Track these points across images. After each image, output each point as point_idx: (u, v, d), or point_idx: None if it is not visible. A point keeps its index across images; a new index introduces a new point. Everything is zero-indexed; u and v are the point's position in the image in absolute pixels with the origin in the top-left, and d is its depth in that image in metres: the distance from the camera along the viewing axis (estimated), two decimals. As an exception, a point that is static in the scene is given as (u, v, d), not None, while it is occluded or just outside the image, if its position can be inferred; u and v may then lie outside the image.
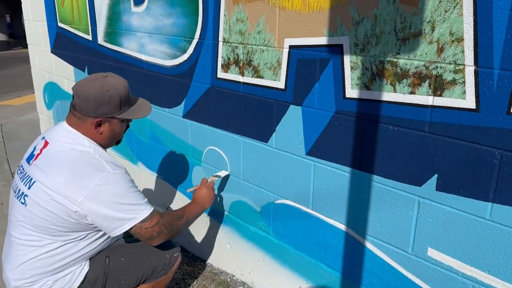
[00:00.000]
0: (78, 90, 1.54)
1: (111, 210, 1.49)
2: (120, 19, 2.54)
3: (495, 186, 1.22)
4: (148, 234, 1.59)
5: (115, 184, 1.51)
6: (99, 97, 1.52)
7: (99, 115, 1.55)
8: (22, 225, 1.53)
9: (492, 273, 1.29)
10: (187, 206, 1.83)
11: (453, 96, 1.25)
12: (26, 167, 1.59)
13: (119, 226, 1.53)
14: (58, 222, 1.49)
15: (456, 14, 1.19)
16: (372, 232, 1.58)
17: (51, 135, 1.61)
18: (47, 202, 1.48)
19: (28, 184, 1.53)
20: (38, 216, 1.49)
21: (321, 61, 1.56)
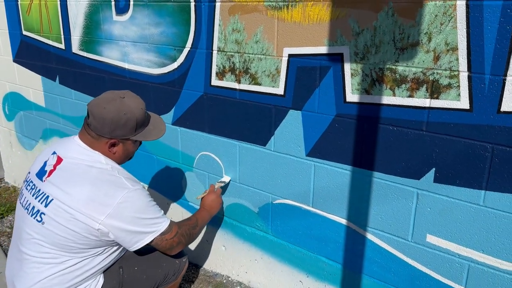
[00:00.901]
0: (94, 111, 1.54)
1: (133, 226, 1.52)
2: (100, 28, 2.52)
3: (487, 176, 1.40)
4: (169, 245, 1.64)
5: (136, 201, 1.54)
6: (115, 120, 1.53)
7: (114, 136, 1.56)
8: (39, 243, 1.51)
9: (486, 252, 1.47)
10: (198, 213, 1.89)
11: (449, 98, 1.42)
12: (38, 183, 1.57)
13: (140, 240, 1.56)
14: (79, 240, 1.50)
15: (451, 27, 1.36)
16: (373, 224, 1.73)
17: (64, 151, 1.59)
18: (68, 221, 1.47)
19: (45, 202, 1.51)
20: (58, 234, 1.49)
21: (322, 69, 1.68)
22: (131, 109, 1.56)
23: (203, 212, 1.93)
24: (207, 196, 2.00)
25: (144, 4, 2.23)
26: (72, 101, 2.92)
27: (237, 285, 2.33)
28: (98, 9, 2.50)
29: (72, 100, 2.92)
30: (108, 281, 1.67)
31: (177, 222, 1.73)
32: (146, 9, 2.23)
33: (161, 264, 1.79)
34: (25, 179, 1.68)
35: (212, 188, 2.04)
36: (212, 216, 1.96)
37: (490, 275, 1.48)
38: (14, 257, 1.60)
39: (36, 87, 3.19)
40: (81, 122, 2.89)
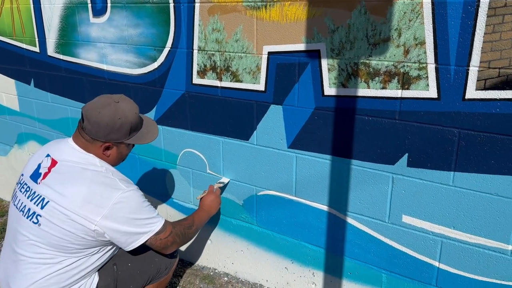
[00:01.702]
0: (89, 115, 1.57)
1: (128, 226, 1.57)
2: (76, 30, 2.54)
3: (455, 158, 1.54)
4: (163, 244, 1.69)
5: (130, 202, 1.58)
6: (110, 124, 1.57)
7: (108, 140, 1.60)
8: (35, 244, 1.54)
9: (457, 228, 1.61)
10: (195, 213, 1.95)
11: (419, 89, 1.55)
12: (33, 185, 1.59)
13: (136, 240, 1.61)
14: (76, 240, 1.54)
15: (418, 23, 1.49)
16: (353, 209, 1.84)
17: (58, 153, 1.62)
18: (64, 222, 1.51)
19: (41, 204, 1.54)
20: (55, 235, 1.52)
21: (300, 65, 1.78)
22: (126, 114, 1.60)
23: (201, 212, 1.99)
24: (206, 196, 2.05)
25: (122, 6, 2.26)
26: (48, 104, 2.91)
27: (224, 276, 2.40)
28: (74, 12, 2.51)
29: (48, 103, 2.91)
30: (103, 278, 1.71)
31: (173, 222, 1.79)
32: (124, 10, 2.27)
33: (153, 259, 1.84)
34: (18, 181, 1.70)
35: (211, 189, 2.09)
36: (210, 216, 2.03)
37: (461, 249, 1.63)
38: (9, 258, 1.62)
39: (10, 91, 3.15)
40: (59, 125, 2.91)
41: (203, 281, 2.37)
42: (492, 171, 1.49)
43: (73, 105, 2.77)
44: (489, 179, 1.50)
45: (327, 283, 2.03)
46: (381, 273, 1.86)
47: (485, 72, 1.41)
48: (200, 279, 2.40)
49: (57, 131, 2.95)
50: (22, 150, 3.24)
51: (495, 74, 1.40)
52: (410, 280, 1.78)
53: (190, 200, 2.41)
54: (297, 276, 2.13)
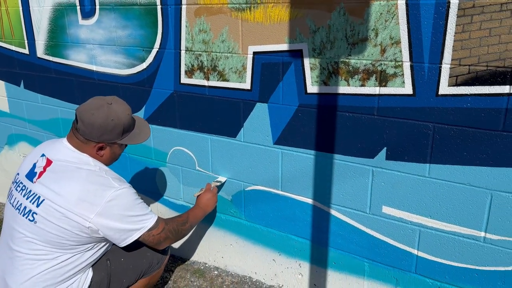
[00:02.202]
0: (83, 117, 1.63)
1: (121, 223, 1.63)
2: (65, 32, 2.58)
3: (430, 151, 1.63)
4: (156, 240, 1.76)
5: (122, 199, 1.65)
6: (103, 126, 1.63)
7: (102, 141, 1.67)
8: (31, 241, 1.60)
9: (433, 217, 1.71)
10: (191, 211, 2.01)
11: (395, 86, 1.64)
12: (29, 184, 1.65)
13: (129, 236, 1.68)
14: (71, 237, 1.60)
15: (394, 23, 1.57)
16: (336, 201, 1.93)
17: (53, 153, 1.68)
18: (59, 219, 1.57)
19: (36, 202, 1.60)
20: (50, 232, 1.58)
21: (284, 64, 1.86)
22: (118, 115, 1.66)
23: (197, 209, 2.04)
24: (203, 194, 2.10)
25: (111, 8, 2.32)
26: (38, 105, 2.95)
27: (214, 270, 2.48)
28: (63, 14, 2.56)
29: (38, 104, 2.95)
30: (97, 273, 1.77)
31: (166, 219, 1.85)
32: (113, 12, 2.32)
33: (145, 254, 1.91)
34: (14, 180, 1.75)
35: (208, 187, 2.14)
36: (206, 213, 2.08)
37: (437, 237, 1.72)
38: (5, 255, 1.68)
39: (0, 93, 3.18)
40: (49, 125, 2.95)
41: (194, 275, 2.44)
42: (464, 163, 1.58)
43: (63, 105, 2.82)
44: (462, 170, 1.59)
45: (313, 273, 2.12)
46: (363, 262, 1.95)
47: (456, 69, 1.50)
48: (191, 273, 2.47)
49: (48, 132, 2.99)
50: (13, 151, 3.27)
51: (466, 71, 1.49)
52: (391, 268, 1.87)
53: (180, 197, 2.48)
54: (285, 267, 2.21)
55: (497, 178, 1.53)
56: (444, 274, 1.75)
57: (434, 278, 1.77)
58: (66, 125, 2.86)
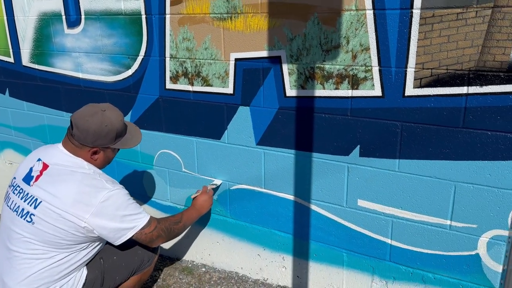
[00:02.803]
0: (78, 123, 1.73)
1: (115, 222, 1.73)
2: (51, 41, 2.66)
3: (399, 147, 1.78)
4: (148, 238, 1.85)
5: (116, 200, 1.74)
6: (97, 131, 1.73)
7: (96, 145, 1.76)
8: (29, 241, 1.68)
9: (404, 208, 1.86)
10: (185, 211, 2.10)
11: (366, 88, 1.78)
12: (26, 187, 1.73)
13: (123, 235, 1.77)
14: (67, 237, 1.69)
15: (363, 31, 1.72)
16: (315, 196, 2.06)
17: (49, 158, 1.77)
18: (56, 220, 1.66)
19: (34, 204, 1.68)
20: (48, 232, 1.67)
21: (264, 70, 1.99)
22: (112, 121, 1.76)
23: (191, 210, 2.12)
24: (200, 196, 2.19)
25: (96, 17, 2.41)
26: (24, 112, 3.01)
27: (202, 267, 2.58)
28: (48, 23, 2.63)
29: (24, 111, 3.01)
30: (91, 272, 1.86)
31: (159, 218, 1.94)
32: (98, 22, 2.42)
33: (137, 252, 2.00)
34: (11, 184, 1.83)
35: (205, 189, 2.23)
36: (201, 215, 2.16)
37: (408, 226, 1.87)
38: (3, 255, 1.75)
39: (-16, 101, 3.22)
40: (35, 132, 3.02)
41: (182, 273, 2.54)
42: (430, 157, 1.73)
43: (49, 112, 2.88)
44: (428, 164, 1.75)
45: (296, 266, 2.25)
46: (342, 253, 2.09)
47: (420, 72, 1.66)
48: (179, 271, 2.57)
49: (34, 139, 3.05)
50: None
51: (428, 74, 1.64)
52: (368, 257, 2.02)
53: (167, 198, 2.58)
54: (269, 261, 2.33)
55: (459, 171, 1.69)
56: (415, 260, 1.90)
57: (407, 265, 1.93)
58: (53, 131, 2.93)
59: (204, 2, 2.04)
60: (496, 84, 1.54)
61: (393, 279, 1.98)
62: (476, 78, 1.57)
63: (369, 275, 2.04)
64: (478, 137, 1.62)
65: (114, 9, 2.33)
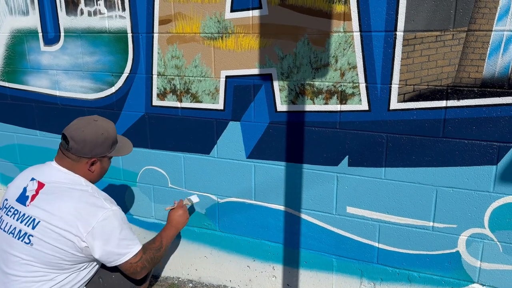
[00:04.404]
0: (74, 135, 1.71)
1: (110, 245, 1.69)
2: (25, 59, 2.59)
3: (385, 157, 1.94)
4: (133, 269, 1.79)
5: (114, 220, 1.72)
6: (94, 140, 1.74)
7: (94, 155, 1.76)
8: (28, 264, 1.63)
9: (390, 213, 2.01)
10: (163, 232, 2.02)
11: (354, 103, 1.93)
12: (22, 208, 1.68)
13: (115, 260, 1.74)
14: (67, 257, 1.65)
15: (351, 51, 1.87)
16: (305, 206, 2.17)
17: (44, 176, 1.73)
18: (56, 240, 1.63)
19: (32, 224, 1.64)
20: (47, 253, 1.63)
21: (255, 86, 2.08)
22: (106, 129, 1.79)
23: (169, 229, 2.06)
24: (175, 210, 2.13)
25: (77, 35, 2.40)
26: (-9, 132, 2.88)
27: (188, 283, 2.59)
28: (22, 40, 2.57)
29: (-9, 131, 2.88)
30: (90, 292, 1.83)
31: (143, 246, 1.86)
32: (79, 39, 2.40)
33: None
34: (3, 206, 1.76)
35: (180, 203, 2.19)
36: (178, 231, 2.12)
37: (394, 230, 2.02)
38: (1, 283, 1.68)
39: None
40: (3, 152, 2.90)
41: (169, 289, 2.54)
42: (413, 165, 1.90)
43: (19, 131, 2.79)
44: (412, 171, 1.91)
45: (286, 274, 2.33)
46: (331, 259, 2.20)
47: (404, 88, 1.83)
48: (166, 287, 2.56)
49: (1, 159, 2.93)
50: None
51: (411, 89, 1.82)
52: (356, 261, 2.15)
53: (151, 215, 2.57)
54: (259, 272, 2.40)
55: (440, 176, 1.87)
56: (401, 261, 2.05)
57: (393, 266, 2.07)
58: (24, 150, 2.82)
59: (194, 22, 2.11)
60: (471, 98, 1.74)
61: (380, 280, 2.12)
62: (454, 93, 1.76)
63: (357, 278, 2.17)
64: (456, 145, 1.81)
65: (97, 27, 2.34)
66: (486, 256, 1.89)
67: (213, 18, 2.06)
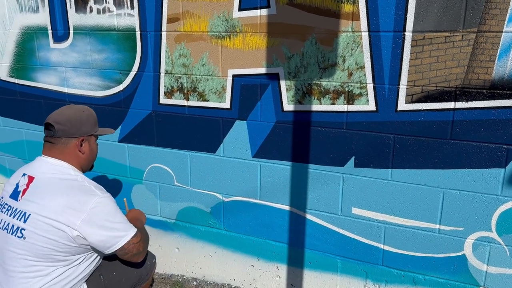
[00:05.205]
0: (57, 118, 1.75)
1: (106, 229, 1.69)
2: (35, 55, 2.61)
3: (392, 158, 1.93)
4: (136, 249, 1.80)
5: (106, 206, 1.72)
6: (78, 118, 1.78)
7: (82, 134, 1.78)
8: (23, 258, 1.64)
9: (396, 214, 1.99)
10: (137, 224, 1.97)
11: (361, 104, 1.92)
12: (14, 203, 1.70)
13: (114, 244, 1.73)
14: (60, 248, 1.65)
15: (359, 51, 1.86)
16: (311, 206, 2.16)
17: (33, 170, 1.75)
18: (47, 231, 1.62)
19: (23, 218, 1.65)
20: (40, 245, 1.63)
21: (262, 85, 2.08)
22: (87, 108, 1.87)
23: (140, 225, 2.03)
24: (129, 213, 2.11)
25: (86, 33, 2.41)
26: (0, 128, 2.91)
27: (192, 281, 2.59)
28: (32, 38, 2.59)
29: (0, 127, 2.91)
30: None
31: None
32: (88, 37, 2.41)
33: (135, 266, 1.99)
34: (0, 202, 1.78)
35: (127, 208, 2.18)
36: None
37: (400, 231, 2.01)
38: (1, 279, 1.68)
39: (-48, 116, 3.08)
40: (12, 148, 2.93)
41: (174, 287, 2.54)
42: (420, 166, 1.89)
43: (28, 127, 2.81)
44: (419, 172, 1.90)
45: (290, 274, 2.33)
46: (336, 260, 2.19)
47: (412, 89, 1.81)
48: (170, 285, 2.56)
49: (9, 155, 2.95)
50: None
51: (419, 90, 1.81)
52: (361, 262, 2.13)
53: (157, 213, 2.58)
54: (263, 271, 2.39)
55: (447, 178, 1.85)
56: (407, 263, 2.04)
57: (398, 268, 2.06)
58: (32, 146, 2.85)
59: (202, 21, 2.11)
60: (480, 100, 1.72)
61: (385, 282, 2.10)
62: (462, 95, 1.74)
63: (362, 279, 2.16)
64: (464, 147, 1.79)
65: (106, 25, 2.35)
66: (493, 260, 1.87)
67: (221, 17, 2.06)
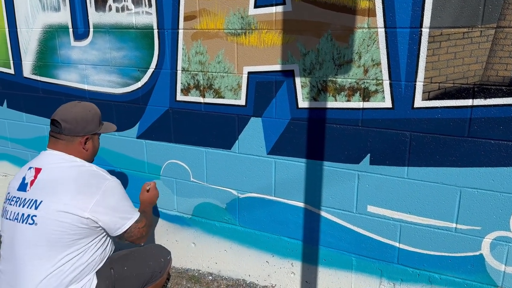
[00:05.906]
0: (65, 116, 1.82)
1: (116, 212, 1.80)
2: (56, 53, 2.68)
3: (408, 155, 1.91)
4: (140, 233, 1.91)
5: (116, 188, 1.84)
6: (85, 117, 1.85)
7: (87, 133, 1.85)
8: (34, 245, 1.69)
9: (412, 213, 1.97)
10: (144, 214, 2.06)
11: (377, 101, 1.90)
12: (23, 194, 1.75)
13: (122, 225, 1.84)
14: (72, 230, 1.71)
15: (375, 48, 1.84)
16: (325, 203, 2.16)
17: (40, 162, 1.81)
18: (59, 215, 1.69)
19: (34, 205, 1.71)
20: (51, 229, 1.69)
21: (277, 82, 2.08)
22: (92, 107, 1.93)
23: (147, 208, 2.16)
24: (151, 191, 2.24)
25: (105, 30, 2.46)
26: (23, 124, 2.99)
27: (208, 275, 2.62)
28: (53, 36, 2.65)
29: (23, 123, 2.99)
30: (101, 281, 1.86)
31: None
32: (107, 35, 2.46)
33: (148, 263, 2.03)
34: (6, 199, 1.84)
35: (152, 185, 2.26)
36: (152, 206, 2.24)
37: (416, 230, 1.99)
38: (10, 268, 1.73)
39: (-21, 112, 3.18)
40: (34, 144, 3.02)
41: (190, 281, 2.58)
42: (437, 164, 1.86)
43: (50, 124, 2.88)
44: (435, 171, 1.87)
45: (305, 271, 2.33)
46: (351, 257, 2.18)
47: (429, 86, 1.79)
48: (186, 280, 2.60)
49: (32, 150, 3.03)
50: (-7, 170, 3.26)
51: (436, 87, 1.78)
52: (376, 260, 2.12)
53: (173, 208, 2.62)
54: (278, 267, 2.40)
55: (464, 177, 1.82)
56: (422, 262, 2.01)
57: (414, 267, 2.04)
58: (54, 142, 2.92)
59: (218, 18, 2.13)
60: (499, 97, 1.68)
61: (400, 281, 2.09)
62: (481, 92, 1.71)
63: (377, 277, 2.14)
64: (482, 145, 1.76)
65: (124, 23, 2.39)
66: (511, 260, 1.83)
67: (237, 14, 2.07)
